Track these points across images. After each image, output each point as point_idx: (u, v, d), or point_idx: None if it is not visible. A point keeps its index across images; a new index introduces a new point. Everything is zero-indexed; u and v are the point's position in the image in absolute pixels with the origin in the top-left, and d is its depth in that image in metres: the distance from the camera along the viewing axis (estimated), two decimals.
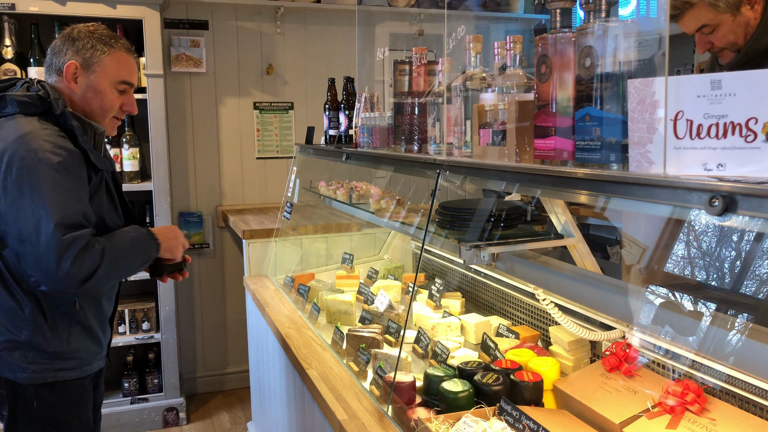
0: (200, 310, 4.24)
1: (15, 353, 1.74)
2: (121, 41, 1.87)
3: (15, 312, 1.74)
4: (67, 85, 1.81)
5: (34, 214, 1.61)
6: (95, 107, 1.82)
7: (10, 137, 1.65)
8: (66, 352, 1.80)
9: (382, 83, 3.10)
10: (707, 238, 1.50)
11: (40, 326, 1.75)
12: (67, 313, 1.79)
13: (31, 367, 1.75)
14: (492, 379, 1.64)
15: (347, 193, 2.67)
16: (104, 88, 1.81)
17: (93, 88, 1.81)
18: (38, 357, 1.76)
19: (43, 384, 1.77)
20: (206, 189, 4.19)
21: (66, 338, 1.79)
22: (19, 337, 1.74)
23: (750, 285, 1.40)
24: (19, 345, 1.74)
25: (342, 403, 1.76)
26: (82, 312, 1.82)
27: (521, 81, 1.45)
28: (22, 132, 1.66)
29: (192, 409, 4.01)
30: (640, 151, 1.02)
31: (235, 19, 4.14)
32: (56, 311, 1.77)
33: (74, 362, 1.83)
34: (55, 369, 1.78)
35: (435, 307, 2.46)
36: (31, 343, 1.75)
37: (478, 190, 2.24)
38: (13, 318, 1.74)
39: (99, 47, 1.80)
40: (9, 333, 1.74)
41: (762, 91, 0.86)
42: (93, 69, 1.80)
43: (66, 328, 1.79)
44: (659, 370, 1.64)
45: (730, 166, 0.90)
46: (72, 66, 1.79)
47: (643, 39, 1.16)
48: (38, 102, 1.73)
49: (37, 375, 1.76)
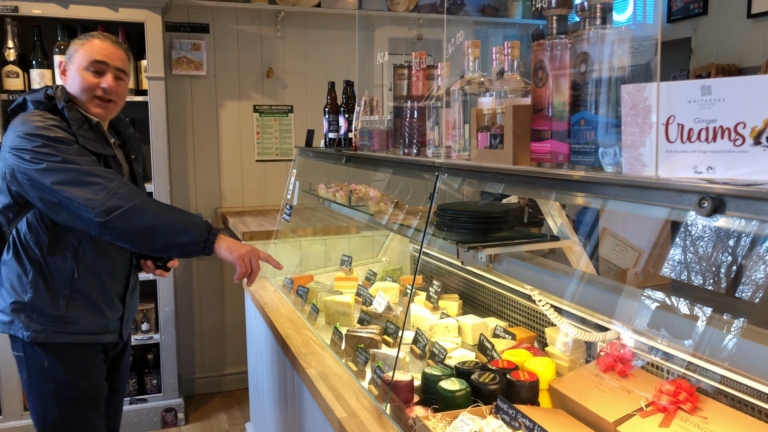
0: (199, 311, 4.26)
1: (21, 314, 2.01)
2: (97, 34, 2.12)
3: (21, 277, 2.02)
4: (63, 79, 2.09)
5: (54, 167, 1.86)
6: (77, 91, 2.05)
7: (17, 123, 1.96)
8: (65, 317, 2.02)
9: (381, 87, 3.14)
10: (697, 239, 1.54)
11: (41, 290, 2.01)
12: (67, 281, 2.02)
13: (33, 326, 2.00)
14: (489, 378, 1.66)
15: (346, 196, 2.69)
16: (79, 72, 2.04)
17: (73, 76, 2.06)
18: (40, 318, 2.01)
19: (51, 345, 2.02)
20: (206, 191, 4.22)
21: (65, 304, 2.02)
22: (24, 298, 2.01)
23: (740, 284, 1.43)
24: (24, 306, 2.01)
25: (341, 402, 1.78)
26: (81, 282, 2.04)
27: (518, 86, 1.48)
28: (24, 118, 1.97)
29: (190, 409, 4.03)
30: (632, 154, 1.05)
31: (236, 23, 4.18)
32: (57, 278, 2.02)
33: (75, 327, 2.05)
34: (55, 331, 2.02)
35: (433, 309, 2.49)
36: (33, 305, 2.01)
37: (476, 192, 2.27)
38: (20, 282, 2.02)
39: (77, 42, 2.08)
40: (17, 295, 2.02)
41: (750, 97, 0.89)
42: (72, 60, 2.06)
43: (66, 295, 2.02)
44: (653, 370, 1.67)
45: (720, 169, 0.93)
46: (61, 63, 2.11)
47: (640, 45, 1.20)
48: (46, 100, 2.02)
49: (38, 334, 2.00)
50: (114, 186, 1.87)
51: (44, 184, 1.85)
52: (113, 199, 1.84)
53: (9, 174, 1.91)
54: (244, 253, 1.98)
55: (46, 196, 1.87)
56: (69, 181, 1.84)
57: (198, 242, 1.91)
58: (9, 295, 2.03)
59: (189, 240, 1.90)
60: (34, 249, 2.00)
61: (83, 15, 3.39)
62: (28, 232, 2.00)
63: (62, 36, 3.44)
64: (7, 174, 1.92)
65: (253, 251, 2.01)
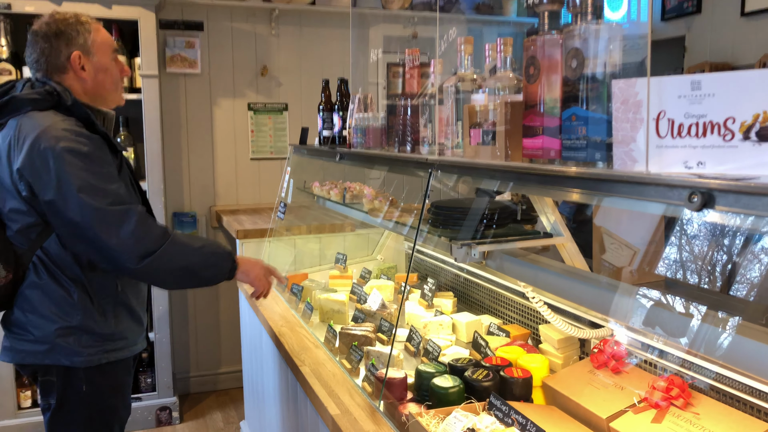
0: (194, 310, 4.26)
1: (70, 338, 1.81)
2: (89, 17, 1.91)
3: (65, 299, 1.81)
4: (75, 76, 1.85)
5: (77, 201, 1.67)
6: (109, 85, 1.90)
7: (32, 133, 1.71)
8: (115, 333, 1.88)
9: (375, 85, 3.14)
10: (689, 235, 1.54)
11: (89, 310, 1.83)
12: (111, 295, 1.87)
13: (86, 350, 1.83)
14: (482, 375, 1.67)
15: (341, 194, 2.69)
16: (107, 63, 1.90)
17: (101, 68, 1.88)
18: (91, 340, 1.83)
19: (96, 367, 1.85)
20: (200, 189, 4.21)
21: (114, 320, 1.88)
22: (72, 322, 1.81)
23: (730, 280, 1.44)
24: (73, 330, 1.81)
25: (335, 399, 1.78)
26: (124, 294, 1.91)
27: (511, 82, 1.48)
28: (43, 126, 1.71)
29: (185, 408, 4.02)
30: (624, 149, 1.05)
31: (230, 21, 4.17)
32: (101, 294, 1.85)
33: (122, 342, 1.92)
34: (107, 350, 1.87)
35: (427, 306, 2.49)
36: (84, 327, 1.82)
37: (470, 189, 2.27)
38: (63, 305, 1.81)
39: (83, 31, 1.85)
40: (62, 320, 1.81)
41: (739, 92, 0.89)
42: (92, 50, 1.86)
43: (112, 310, 1.88)
44: (646, 366, 1.68)
45: (710, 163, 0.93)
46: (76, 56, 1.83)
47: (633, 42, 1.20)
48: (47, 96, 1.78)
49: (92, 357, 1.84)
50: (144, 229, 1.73)
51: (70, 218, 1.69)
52: (145, 243, 1.71)
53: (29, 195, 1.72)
54: (259, 273, 1.97)
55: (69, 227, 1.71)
56: (101, 222, 1.68)
57: (224, 274, 1.88)
58: (49, 321, 1.80)
59: (215, 274, 1.86)
60: (74, 267, 1.80)
61: None
62: (62, 251, 1.79)
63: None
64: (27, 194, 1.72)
65: (266, 271, 2.00)
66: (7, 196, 1.78)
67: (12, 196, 1.76)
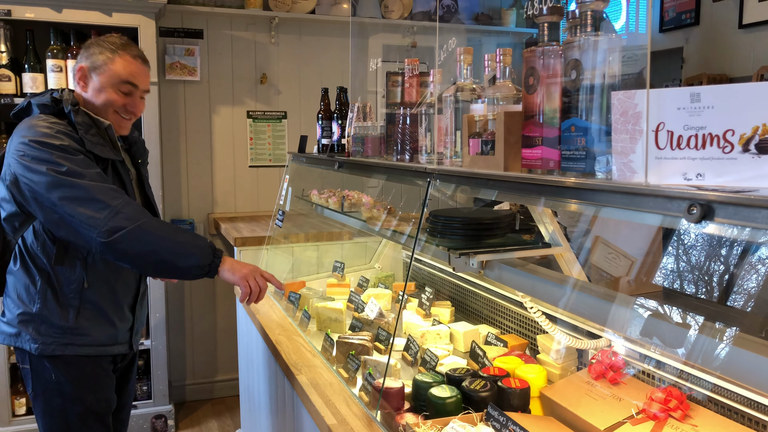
0: (190, 317, 4.24)
1: (29, 326, 1.93)
2: (129, 48, 2.02)
3: (28, 287, 1.95)
4: (79, 89, 2.02)
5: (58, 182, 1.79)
6: (98, 104, 2.00)
7: (23, 128, 1.90)
8: (75, 328, 1.95)
9: (374, 94, 3.14)
10: (688, 246, 1.54)
11: (50, 301, 1.93)
12: (77, 290, 1.95)
13: (41, 338, 1.93)
14: (480, 385, 1.66)
15: (339, 202, 2.69)
16: (105, 87, 1.98)
17: (97, 88, 1.99)
18: (48, 330, 1.93)
19: (59, 357, 1.94)
20: (198, 197, 4.21)
21: (74, 315, 1.95)
22: (32, 309, 1.94)
23: (729, 291, 1.44)
24: (32, 318, 1.93)
25: (331, 409, 1.77)
26: (91, 292, 1.97)
27: (510, 92, 1.49)
28: (30, 123, 1.90)
29: (181, 416, 4.00)
30: (623, 160, 1.05)
31: (230, 29, 4.18)
32: (66, 288, 1.94)
33: (86, 339, 1.98)
34: (65, 343, 1.94)
35: (425, 316, 2.48)
36: (41, 316, 1.93)
37: (469, 199, 2.28)
38: (27, 292, 1.95)
39: (106, 53, 1.98)
40: (24, 306, 1.95)
41: (738, 104, 0.89)
42: (98, 71, 1.98)
43: (76, 305, 1.95)
44: (644, 377, 1.67)
45: (709, 175, 0.93)
46: (80, 70, 1.99)
47: (631, 54, 1.20)
48: (53, 103, 1.95)
49: (47, 347, 1.93)
50: (118, 204, 1.80)
51: (46, 198, 1.78)
52: (117, 219, 1.77)
53: (11, 181, 1.84)
54: (247, 273, 1.94)
55: (47, 210, 1.80)
56: (72, 197, 1.77)
57: (202, 265, 1.86)
58: (16, 306, 1.95)
59: (193, 263, 1.84)
60: (42, 258, 1.92)
61: (76, 20, 3.39)
62: (35, 241, 1.92)
63: (55, 40, 3.43)
64: (9, 180, 1.85)
65: (255, 270, 1.97)
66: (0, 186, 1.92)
67: (2, 185, 1.91)
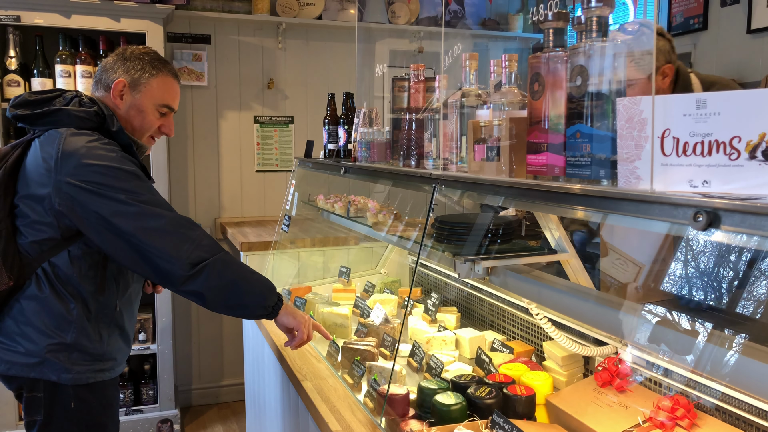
0: (197, 322, 4.25)
1: (60, 355, 1.79)
2: (169, 66, 1.94)
3: (63, 315, 1.78)
4: (113, 100, 1.88)
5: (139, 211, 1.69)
6: (135, 125, 1.90)
7: (72, 147, 1.70)
8: (105, 354, 1.87)
9: (381, 99, 3.15)
10: (694, 253, 1.53)
11: (85, 329, 1.81)
12: (110, 315, 1.87)
13: (75, 368, 1.81)
14: (485, 392, 1.65)
15: (345, 207, 2.69)
16: (147, 109, 1.89)
17: (137, 107, 1.88)
18: (81, 358, 1.82)
19: (85, 384, 1.83)
20: (205, 201, 4.22)
21: (107, 340, 1.87)
22: (66, 339, 1.79)
23: (737, 299, 1.42)
24: (66, 347, 1.79)
25: (336, 415, 1.77)
26: (120, 315, 1.91)
27: (516, 98, 1.48)
28: (79, 142, 1.71)
29: (186, 421, 4.00)
30: (628, 167, 1.04)
31: (237, 34, 4.20)
32: (101, 314, 1.85)
33: (111, 363, 1.90)
34: (96, 370, 1.85)
35: (430, 321, 2.48)
36: (76, 345, 1.80)
37: (475, 204, 2.27)
38: (60, 321, 1.78)
39: (148, 69, 1.88)
40: (56, 336, 1.78)
41: (745, 111, 0.89)
42: (139, 89, 1.87)
43: (107, 330, 1.87)
44: (651, 385, 1.66)
45: (715, 183, 0.93)
46: (120, 84, 1.86)
47: (639, 59, 1.19)
48: (94, 118, 1.80)
49: (81, 376, 1.82)
50: (197, 236, 1.72)
51: (123, 230, 1.66)
52: (199, 251, 1.69)
53: (67, 209, 1.69)
54: (307, 322, 1.92)
55: (117, 240, 1.68)
56: (152, 228, 1.67)
57: (267, 306, 1.82)
58: (42, 336, 1.77)
59: (259, 302, 1.81)
60: (80, 285, 1.79)
61: (85, 25, 3.41)
62: (70, 267, 1.77)
63: (64, 46, 3.45)
64: (63, 208, 1.69)
65: (309, 319, 1.96)
66: (36, 207, 1.74)
67: (42, 208, 1.73)
